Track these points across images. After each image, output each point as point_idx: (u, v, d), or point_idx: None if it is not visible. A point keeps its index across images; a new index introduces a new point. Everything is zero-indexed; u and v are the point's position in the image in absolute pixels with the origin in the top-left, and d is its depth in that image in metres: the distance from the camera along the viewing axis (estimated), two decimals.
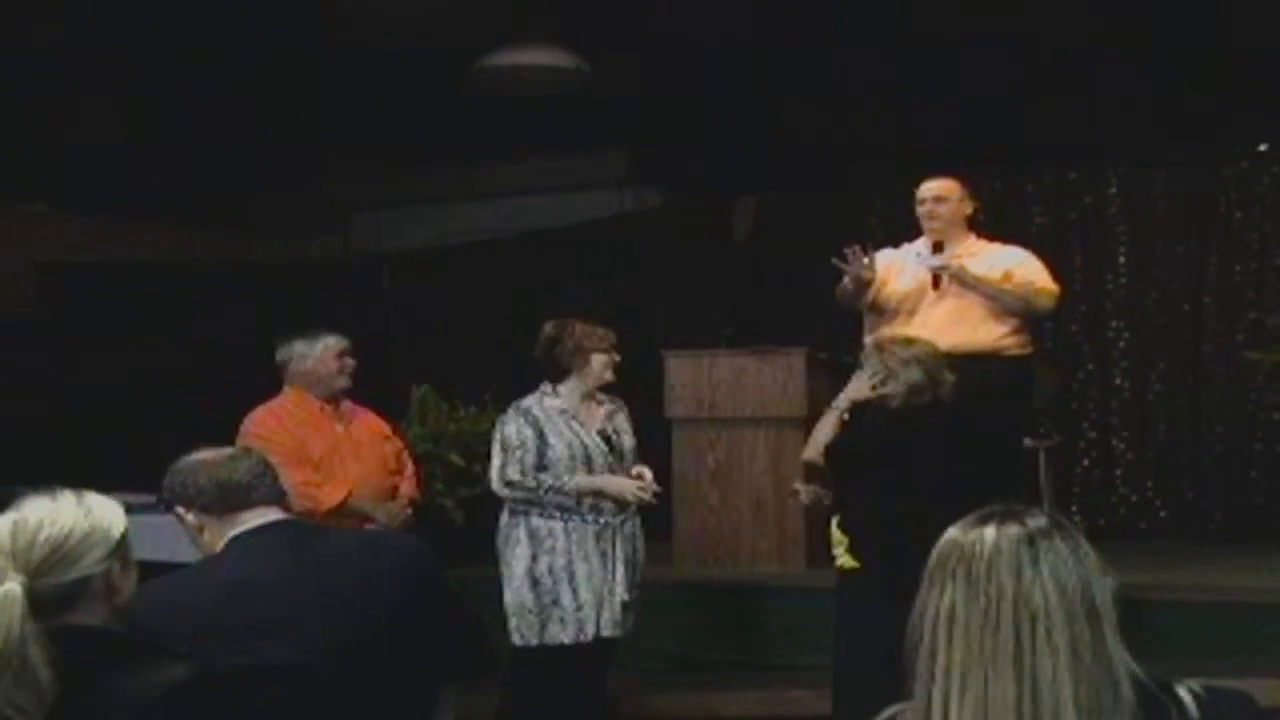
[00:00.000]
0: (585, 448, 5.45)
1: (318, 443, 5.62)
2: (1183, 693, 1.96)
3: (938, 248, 6.17)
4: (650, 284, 10.08)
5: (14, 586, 2.23)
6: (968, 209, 6.31)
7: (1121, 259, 8.86)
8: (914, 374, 5.14)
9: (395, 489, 5.85)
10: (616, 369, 5.57)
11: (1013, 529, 2.01)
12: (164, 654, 2.39)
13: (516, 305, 9.68)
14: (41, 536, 2.31)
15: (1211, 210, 8.68)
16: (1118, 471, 8.81)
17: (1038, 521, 2.02)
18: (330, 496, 5.51)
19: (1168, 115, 8.65)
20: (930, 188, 6.28)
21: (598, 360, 5.51)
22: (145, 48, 8.62)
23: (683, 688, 6.60)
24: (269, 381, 5.80)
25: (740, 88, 9.17)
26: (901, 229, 6.60)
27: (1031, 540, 1.99)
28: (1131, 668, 1.95)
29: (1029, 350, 6.28)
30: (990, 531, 2.01)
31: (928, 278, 6.13)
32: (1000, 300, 6.08)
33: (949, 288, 6.09)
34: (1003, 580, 1.97)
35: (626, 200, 10.90)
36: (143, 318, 10.71)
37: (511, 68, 8.90)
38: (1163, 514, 8.70)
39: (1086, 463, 8.81)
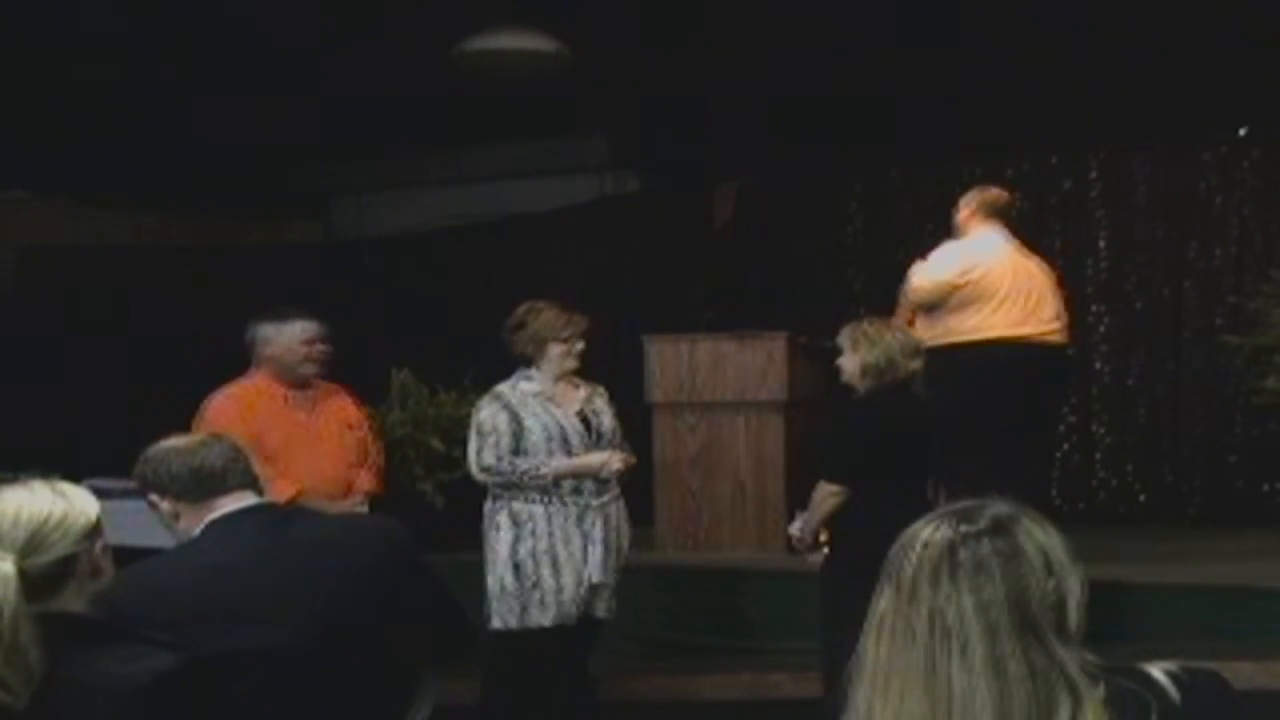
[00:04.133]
0: (562, 429, 5.41)
1: (273, 435, 5.33)
2: (1159, 675, 1.92)
3: None
4: (631, 269, 10.07)
5: (7, 565, 2.25)
6: None
7: (1101, 244, 8.87)
8: (876, 354, 5.14)
9: (350, 483, 5.55)
10: (585, 355, 5.52)
11: (945, 533, 1.92)
12: (149, 642, 2.40)
13: (497, 290, 9.64)
14: (23, 518, 2.34)
15: (1191, 195, 8.69)
16: (1098, 456, 8.83)
17: (977, 525, 1.92)
18: (279, 493, 5.05)
19: (1147, 100, 8.65)
20: None
21: (554, 349, 5.44)
22: (127, 34, 8.59)
23: (663, 671, 6.60)
24: (245, 367, 5.67)
25: (719, 74, 9.16)
26: (882, 216, 6.61)
27: (953, 549, 1.90)
28: (1092, 666, 1.89)
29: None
30: (927, 533, 1.94)
31: None
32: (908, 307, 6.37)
33: None
34: (922, 592, 1.90)
35: (607, 185, 10.88)
36: (123, 302, 10.69)
37: (492, 52, 8.87)
38: (1142, 498, 8.72)
39: (1066, 447, 8.82)
